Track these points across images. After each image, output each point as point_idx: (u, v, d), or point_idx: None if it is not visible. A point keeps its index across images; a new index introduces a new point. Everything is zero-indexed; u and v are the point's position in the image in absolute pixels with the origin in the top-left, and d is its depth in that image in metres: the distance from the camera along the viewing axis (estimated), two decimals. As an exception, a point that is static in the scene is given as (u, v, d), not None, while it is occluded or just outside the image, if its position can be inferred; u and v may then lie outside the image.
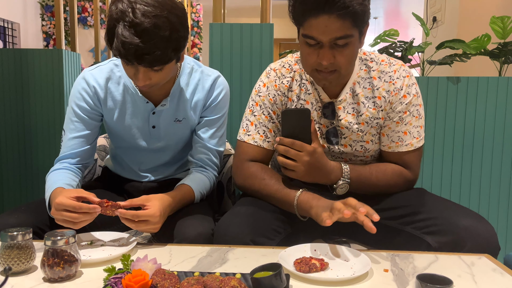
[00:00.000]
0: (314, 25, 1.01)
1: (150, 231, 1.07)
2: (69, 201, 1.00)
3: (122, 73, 1.26)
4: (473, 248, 1.00)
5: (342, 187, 1.12)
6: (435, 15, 3.66)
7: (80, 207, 1.00)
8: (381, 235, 1.16)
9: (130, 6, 1.02)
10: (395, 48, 2.03)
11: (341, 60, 1.05)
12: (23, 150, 2.29)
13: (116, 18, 1.03)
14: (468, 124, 1.88)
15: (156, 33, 1.02)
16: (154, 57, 1.04)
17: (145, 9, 1.02)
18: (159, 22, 1.02)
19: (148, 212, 1.04)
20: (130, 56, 1.03)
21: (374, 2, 7.35)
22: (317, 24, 1.00)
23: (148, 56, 1.03)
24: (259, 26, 1.83)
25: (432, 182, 1.92)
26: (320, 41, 1.03)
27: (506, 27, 1.92)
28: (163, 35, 1.03)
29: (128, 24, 1.01)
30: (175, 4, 1.08)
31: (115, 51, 1.05)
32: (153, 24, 1.02)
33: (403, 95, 1.17)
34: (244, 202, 1.17)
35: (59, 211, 1.00)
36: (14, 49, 2.20)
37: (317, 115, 1.21)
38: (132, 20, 1.01)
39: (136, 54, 1.03)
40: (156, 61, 1.05)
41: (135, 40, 1.01)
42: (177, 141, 1.34)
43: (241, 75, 1.85)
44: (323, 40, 1.02)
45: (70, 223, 1.01)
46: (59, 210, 1.01)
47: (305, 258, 0.91)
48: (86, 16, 7.05)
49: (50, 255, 0.84)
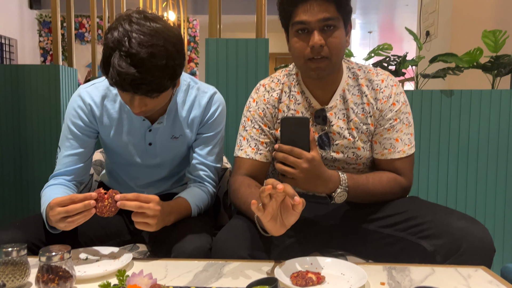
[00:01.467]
0: (302, 10, 1.12)
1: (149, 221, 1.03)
2: (64, 197, 0.99)
3: None
4: (468, 249, 1.00)
5: (341, 195, 1.12)
6: (428, 29, 3.72)
7: (76, 197, 0.98)
8: (377, 244, 1.17)
9: (126, 35, 1.01)
10: (389, 62, 2.06)
11: (331, 45, 1.12)
12: (19, 165, 2.29)
13: (112, 47, 1.02)
14: (462, 136, 1.90)
15: (152, 62, 1.01)
16: (150, 87, 1.04)
17: (141, 38, 1.01)
18: (155, 52, 1.02)
19: (149, 195, 1.03)
20: (126, 86, 1.03)
21: (369, 16, 7.47)
22: (306, 8, 1.11)
23: (144, 86, 1.03)
24: (255, 41, 1.85)
25: (428, 193, 1.93)
26: (310, 25, 1.11)
27: (498, 40, 1.95)
28: (159, 65, 1.02)
29: (124, 54, 1.00)
30: (171, 32, 1.07)
31: (111, 80, 1.04)
32: (149, 54, 1.01)
33: (392, 103, 1.21)
34: (241, 216, 1.17)
35: (54, 210, 0.99)
36: (11, 65, 2.21)
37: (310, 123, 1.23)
38: (128, 49, 1.00)
39: (132, 84, 1.02)
40: (152, 90, 1.05)
41: (131, 70, 1.00)
42: (173, 157, 1.34)
43: (237, 90, 1.86)
44: (312, 22, 1.11)
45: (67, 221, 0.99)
46: (53, 210, 0.99)
47: (302, 272, 0.91)
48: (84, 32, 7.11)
49: (45, 271, 0.83)
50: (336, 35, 1.13)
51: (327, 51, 1.12)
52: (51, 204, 1.01)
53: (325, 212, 1.27)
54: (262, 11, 1.98)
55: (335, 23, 1.12)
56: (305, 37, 1.13)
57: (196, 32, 7.67)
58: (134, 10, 1.08)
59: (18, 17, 6.34)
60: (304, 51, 1.14)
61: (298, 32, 1.14)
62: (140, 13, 1.06)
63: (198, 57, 7.71)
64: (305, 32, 1.13)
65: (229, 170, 1.58)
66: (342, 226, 1.24)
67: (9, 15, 6.08)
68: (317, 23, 1.11)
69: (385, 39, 8.97)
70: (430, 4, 3.70)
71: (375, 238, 1.18)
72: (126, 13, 1.06)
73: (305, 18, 1.11)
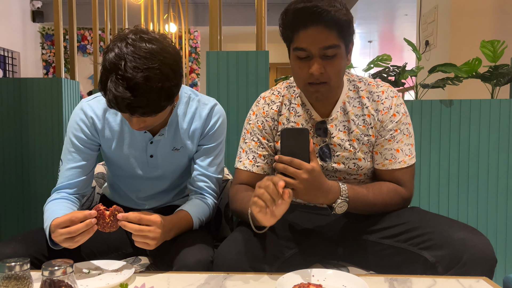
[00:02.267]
0: (304, 36, 1.09)
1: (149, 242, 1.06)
2: (63, 217, 1.01)
3: None
4: (469, 260, 1.00)
5: (341, 205, 1.12)
6: (427, 39, 3.74)
7: (76, 217, 1.01)
8: (379, 255, 1.17)
9: (122, 57, 1.02)
10: (388, 73, 2.07)
11: (331, 71, 1.12)
12: (21, 178, 2.29)
13: (109, 70, 1.03)
14: (462, 145, 1.90)
15: (147, 86, 1.02)
16: (147, 109, 1.05)
17: (136, 61, 1.02)
18: (151, 75, 1.02)
19: (150, 216, 1.05)
20: (123, 109, 1.05)
21: (369, 26, 7.52)
22: (307, 35, 1.09)
23: (140, 109, 1.05)
24: (255, 53, 1.87)
25: (429, 204, 1.92)
26: (310, 52, 1.10)
27: (496, 50, 1.97)
28: (155, 87, 1.03)
29: (120, 77, 1.01)
30: (167, 53, 1.08)
31: (108, 103, 1.06)
32: (144, 78, 1.02)
33: (392, 114, 1.22)
34: (242, 228, 1.17)
35: (57, 231, 1.01)
36: (13, 78, 2.24)
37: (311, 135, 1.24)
38: (123, 73, 1.01)
39: (129, 107, 1.04)
40: (148, 112, 1.07)
41: (126, 95, 1.01)
42: (175, 169, 1.35)
43: (238, 102, 1.87)
44: (313, 50, 1.09)
45: (71, 240, 1.01)
46: (56, 231, 1.02)
47: (303, 284, 0.91)
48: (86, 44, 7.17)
49: (48, 285, 0.84)
50: (337, 62, 1.12)
51: (327, 76, 1.12)
52: (52, 227, 1.03)
53: (326, 224, 1.27)
54: (262, 23, 2.00)
55: (336, 51, 1.10)
56: (305, 62, 1.12)
57: (197, 43, 7.73)
58: (131, 29, 1.09)
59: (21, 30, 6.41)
60: (305, 75, 1.13)
61: (298, 56, 1.13)
62: (136, 33, 1.07)
63: (200, 68, 7.76)
64: (305, 58, 1.12)
65: (230, 181, 1.59)
66: (344, 237, 1.25)
67: (12, 28, 6.14)
68: (318, 51, 1.09)
69: (385, 48, 9.02)
70: (429, 14, 3.73)
71: (376, 249, 1.18)
72: (123, 33, 1.08)
73: (305, 46, 1.10)
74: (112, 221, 1.03)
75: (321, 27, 1.07)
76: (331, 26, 1.07)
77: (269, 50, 1.95)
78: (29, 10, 6.64)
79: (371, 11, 6.64)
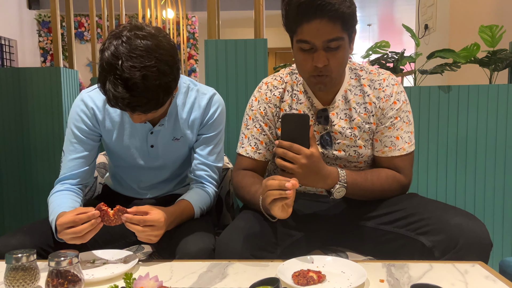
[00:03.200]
0: (307, 29, 1.08)
1: (152, 238, 1.09)
2: (68, 218, 1.03)
3: None
4: (465, 244, 1.03)
5: (339, 191, 1.15)
6: (426, 22, 3.72)
7: (80, 219, 1.02)
8: (377, 241, 1.20)
9: (119, 57, 1.03)
10: (387, 59, 2.07)
11: (334, 63, 1.12)
12: (22, 169, 2.31)
13: (107, 70, 1.04)
14: (460, 131, 1.91)
15: (145, 84, 1.03)
16: (146, 107, 1.07)
17: (133, 61, 1.02)
18: (148, 74, 1.03)
19: (153, 217, 1.07)
20: (124, 108, 1.07)
21: (368, 10, 7.44)
22: (311, 28, 1.08)
23: (140, 107, 1.07)
24: (253, 41, 1.87)
25: (427, 189, 1.95)
26: (314, 44, 1.09)
27: (495, 35, 1.96)
28: (153, 85, 1.05)
29: (118, 77, 1.03)
30: (163, 49, 1.08)
31: (108, 102, 1.08)
32: (142, 76, 1.03)
33: (393, 102, 1.23)
34: (244, 216, 1.19)
35: (63, 231, 1.03)
36: (12, 67, 2.23)
37: (311, 122, 1.26)
38: (121, 74, 1.02)
39: (129, 106, 1.06)
40: (148, 109, 1.09)
41: (125, 95, 1.03)
42: (175, 159, 1.37)
43: (237, 90, 1.88)
44: (317, 43, 1.09)
45: (78, 239, 1.03)
46: (62, 231, 1.03)
47: (303, 271, 0.94)
48: (83, 31, 7.11)
49: (54, 275, 0.86)
50: (340, 54, 1.11)
51: (330, 69, 1.12)
52: (58, 226, 1.05)
53: (326, 210, 1.29)
54: (260, 10, 1.99)
55: (339, 43, 1.09)
56: (309, 55, 1.12)
57: (195, 28, 7.66)
58: (125, 25, 1.09)
59: (17, 17, 6.35)
60: (309, 68, 1.13)
61: (301, 48, 1.12)
62: (131, 30, 1.06)
63: (198, 53, 7.71)
64: (309, 50, 1.11)
65: (231, 170, 1.61)
66: (343, 224, 1.27)
67: (8, 16, 6.08)
68: (322, 44, 1.09)
69: (384, 32, 8.94)
70: (428, -2, 3.70)
71: (375, 235, 1.21)
72: (118, 30, 1.07)
73: (309, 38, 1.09)
74: (117, 219, 1.06)
75: (325, 20, 1.06)
76: (335, 19, 1.06)
77: (268, 35, 1.95)
78: (24, -3, 6.56)
79: (370, -6, 6.57)
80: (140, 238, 1.08)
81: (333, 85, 1.20)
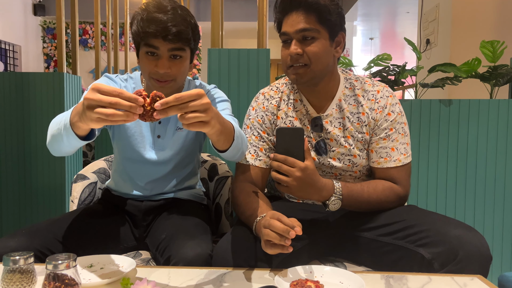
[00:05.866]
0: (286, 21, 1.19)
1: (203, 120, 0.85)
2: (110, 87, 0.80)
3: (136, 85, 1.36)
4: (465, 257, 1.02)
5: (335, 203, 1.15)
6: (428, 37, 3.75)
7: (123, 95, 0.79)
8: (376, 252, 1.19)
9: (147, 6, 1.19)
10: (388, 72, 2.08)
11: (309, 53, 1.17)
12: (23, 173, 2.31)
13: (140, 12, 1.18)
14: (460, 145, 1.92)
15: (178, 13, 1.18)
16: (178, 32, 1.16)
17: (161, 3, 1.19)
18: (178, 8, 1.20)
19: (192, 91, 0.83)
20: (158, 30, 1.15)
21: (370, 23, 7.51)
22: (289, 21, 1.18)
23: (174, 29, 1.15)
24: (256, 51, 1.88)
25: (427, 202, 1.94)
26: (289, 35, 1.18)
27: (496, 51, 1.98)
28: (184, 15, 1.19)
29: (154, 8, 1.17)
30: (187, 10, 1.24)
31: (141, 33, 1.17)
32: (174, 7, 1.18)
33: (387, 113, 1.24)
34: (241, 225, 1.19)
35: (94, 94, 0.80)
36: (15, 72, 2.24)
37: (306, 129, 1.29)
38: (156, 4, 1.18)
39: (163, 27, 1.15)
40: (180, 35, 1.17)
41: (161, 16, 1.15)
42: (179, 150, 1.38)
43: (239, 99, 1.89)
44: (291, 32, 1.17)
45: (103, 121, 0.80)
46: (93, 93, 0.80)
47: (301, 281, 0.93)
48: (87, 38, 7.16)
49: (51, 279, 0.86)
50: (315, 45, 1.17)
51: (306, 58, 1.18)
52: (87, 99, 0.80)
53: (325, 222, 1.29)
54: (264, 20, 2.01)
55: (313, 34, 1.16)
56: (287, 47, 1.20)
57: (199, 38, 7.71)
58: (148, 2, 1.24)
59: (22, 23, 6.41)
60: (286, 59, 1.21)
61: (283, 42, 1.21)
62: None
63: (201, 63, 7.76)
64: (288, 42, 1.20)
65: (231, 178, 1.61)
66: (341, 234, 1.27)
67: (13, 21, 6.14)
68: (295, 34, 1.17)
69: (386, 45, 9.00)
70: (430, 13, 3.74)
71: (374, 246, 1.20)
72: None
73: (286, 29, 1.18)
74: (152, 111, 0.83)
75: (300, 12, 1.16)
76: (309, 10, 1.15)
77: (271, 46, 1.96)
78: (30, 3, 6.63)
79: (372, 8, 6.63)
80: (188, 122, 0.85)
81: (313, 79, 1.21)
